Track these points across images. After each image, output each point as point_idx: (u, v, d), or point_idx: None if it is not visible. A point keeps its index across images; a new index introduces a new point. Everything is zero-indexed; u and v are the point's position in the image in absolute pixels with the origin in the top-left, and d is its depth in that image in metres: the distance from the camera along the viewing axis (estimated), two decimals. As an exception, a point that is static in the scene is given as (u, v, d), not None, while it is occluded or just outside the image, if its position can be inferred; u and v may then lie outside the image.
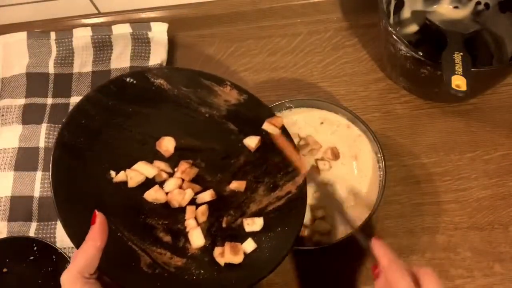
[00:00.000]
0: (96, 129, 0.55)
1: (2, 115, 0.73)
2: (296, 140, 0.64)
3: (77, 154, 0.52)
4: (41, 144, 0.71)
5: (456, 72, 0.55)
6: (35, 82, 0.75)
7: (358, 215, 0.59)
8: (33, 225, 0.67)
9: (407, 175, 0.67)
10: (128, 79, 0.58)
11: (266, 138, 0.59)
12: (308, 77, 0.75)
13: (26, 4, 0.78)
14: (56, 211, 0.47)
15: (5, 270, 0.63)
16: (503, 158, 0.68)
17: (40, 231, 0.66)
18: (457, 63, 0.56)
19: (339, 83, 0.74)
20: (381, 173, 0.61)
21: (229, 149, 0.59)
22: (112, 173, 0.54)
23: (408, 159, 0.68)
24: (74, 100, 0.74)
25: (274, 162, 0.59)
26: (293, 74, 0.75)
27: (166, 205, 0.54)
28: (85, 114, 0.54)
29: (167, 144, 0.57)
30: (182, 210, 0.55)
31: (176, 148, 0.57)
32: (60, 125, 0.71)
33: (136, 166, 0.55)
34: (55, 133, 0.72)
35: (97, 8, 0.80)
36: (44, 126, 0.72)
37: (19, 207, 0.67)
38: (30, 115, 0.73)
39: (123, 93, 0.57)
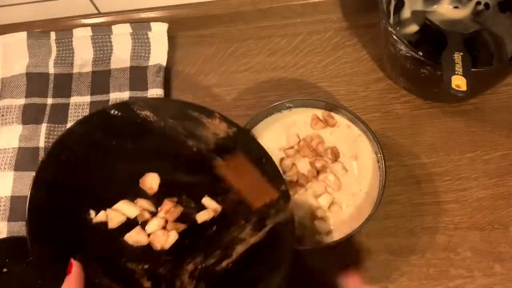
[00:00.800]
0: (77, 165, 0.52)
1: (2, 115, 0.73)
2: (295, 140, 0.64)
3: (55, 192, 0.50)
4: (41, 144, 0.71)
5: (456, 72, 0.55)
6: (35, 82, 0.75)
7: (358, 215, 0.59)
8: None
9: (407, 175, 0.67)
10: (112, 111, 0.54)
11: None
12: (308, 77, 0.75)
13: (26, 4, 0.78)
14: (30, 251, 0.45)
15: (5, 270, 0.63)
16: (503, 158, 0.68)
17: None
18: (457, 63, 0.56)
19: (339, 83, 0.74)
20: (381, 173, 0.61)
21: (217, 186, 0.56)
22: (92, 212, 0.51)
23: (408, 159, 0.68)
24: (74, 100, 0.75)
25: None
26: (293, 74, 0.75)
27: (148, 246, 0.52)
28: (65, 149, 0.52)
29: (151, 181, 0.54)
30: (164, 252, 0.51)
31: (161, 185, 0.55)
32: (60, 126, 0.72)
33: (117, 206, 0.52)
34: (55, 133, 0.72)
35: (97, 8, 0.80)
36: (44, 126, 0.72)
37: (19, 207, 0.67)
38: (30, 115, 0.73)
39: (106, 126, 0.54)
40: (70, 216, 0.50)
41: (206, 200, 0.55)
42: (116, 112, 0.55)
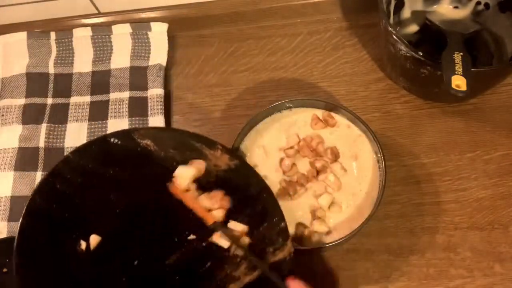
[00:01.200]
0: (71, 195, 0.51)
1: (2, 115, 0.73)
2: (295, 140, 0.64)
3: (47, 222, 0.49)
4: (41, 144, 0.71)
5: (456, 72, 0.55)
6: (35, 82, 0.75)
7: (358, 215, 0.59)
8: None
9: (407, 175, 0.67)
10: (112, 140, 0.54)
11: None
12: (308, 77, 0.75)
13: (26, 4, 0.78)
14: (18, 284, 0.45)
15: (5, 270, 0.63)
16: (503, 158, 0.68)
17: None
18: (457, 63, 0.56)
19: (339, 83, 0.74)
20: (381, 173, 0.61)
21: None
22: (83, 243, 0.50)
23: (408, 159, 0.68)
24: (74, 100, 0.75)
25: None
26: (293, 74, 0.75)
27: (135, 279, 0.50)
28: (60, 178, 0.51)
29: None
30: (153, 286, 0.51)
31: (158, 216, 0.54)
32: (60, 126, 0.72)
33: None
34: (56, 133, 0.72)
35: (97, 8, 0.80)
36: (44, 126, 0.72)
37: (19, 207, 0.67)
38: (30, 115, 0.73)
39: (104, 155, 0.53)
40: (60, 246, 0.49)
41: (232, 224, 0.54)
42: (116, 140, 0.54)
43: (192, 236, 0.53)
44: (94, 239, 0.50)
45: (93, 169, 0.53)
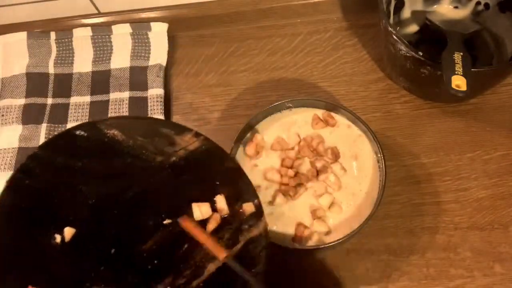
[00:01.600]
0: (42, 190, 0.51)
1: (2, 115, 0.73)
2: (296, 140, 0.64)
3: (19, 219, 0.49)
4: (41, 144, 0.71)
5: (456, 72, 0.55)
6: (35, 82, 0.75)
7: (358, 215, 0.59)
8: None
9: (407, 175, 0.67)
10: (78, 132, 0.54)
11: None
12: (308, 77, 0.75)
13: (26, 4, 0.78)
14: None
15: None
16: (503, 158, 0.68)
17: None
18: (457, 63, 0.56)
19: (339, 83, 0.74)
20: (381, 173, 0.61)
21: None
22: (58, 237, 0.49)
23: (408, 159, 0.68)
24: (74, 100, 0.75)
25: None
26: (293, 74, 0.75)
27: (116, 267, 0.50)
28: (29, 174, 0.51)
29: None
30: (133, 273, 0.50)
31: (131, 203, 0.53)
32: (60, 126, 0.72)
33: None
34: (55, 133, 0.72)
35: (97, 8, 0.80)
36: (44, 126, 0.72)
37: None
38: (30, 115, 0.73)
39: (72, 147, 0.53)
40: (34, 242, 0.49)
41: (219, 199, 0.54)
42: (82, 132, 0.54)
43: (167, 221, 0.52)
44: (69, 232, 0.50)
45: (61, 163, 0.53)
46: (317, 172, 0.62)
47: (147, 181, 0.54)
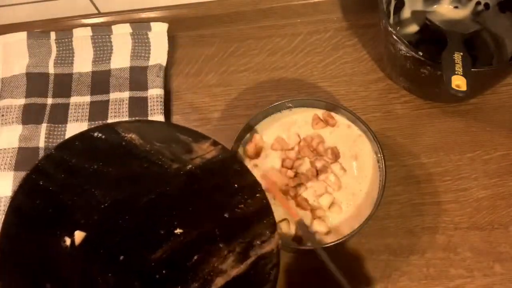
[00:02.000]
0: (55, 191, 0.51)
1: (2, 115, 0.73)
2: (296, 140, 0.64)
3: (30, 220, 0.49)
4: (41, 144, 0.71)
5: (456, 72, 0.55)
6: (35, 82, 0.75)
7: (358, 215, 0.59)
8: None
9: (407, 175, 0.67)
10: (96, 134, 0.53)
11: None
12: (308, 77, 0.75)
13: (26, 4, 0.78)
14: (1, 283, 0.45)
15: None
16: (503, 158, 0.68)
17: None
18: (457, 63, 0.56)
19: (339, 83, 0.74)
20: (381, 173, 0.61)
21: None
22: (67, 240, 0.50)
23: (408, 159, 0.68)
24: (74, 100, 0.75)
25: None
26: (293, 74, 0.75)
27: (121, 275, 0.50)
28: (43, 175, 0.50)
29: None
30: (139, 284, 0.50)
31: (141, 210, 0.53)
32: (60, 126, 0.72)
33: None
34: (56, 133, 0.72)
35: (97, 8, 0.80)
36: (44, 126, 0.72)
37: None
38: (30, 115, 0.73)
39: (88, 150, 0.53)
40: (44, 244, 0.49)
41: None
42: (99, 135, 0.54)
43: (178, 230, 0.52)
44: (79, 235, 0.50)
45: (76, 165, 0.52)
46: (317, 172, 0.62)
47: (161, 188, 0.54)
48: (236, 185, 0.54)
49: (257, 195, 0.54)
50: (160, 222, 0.53)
